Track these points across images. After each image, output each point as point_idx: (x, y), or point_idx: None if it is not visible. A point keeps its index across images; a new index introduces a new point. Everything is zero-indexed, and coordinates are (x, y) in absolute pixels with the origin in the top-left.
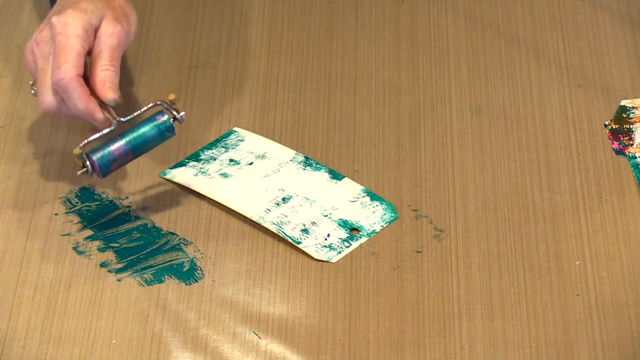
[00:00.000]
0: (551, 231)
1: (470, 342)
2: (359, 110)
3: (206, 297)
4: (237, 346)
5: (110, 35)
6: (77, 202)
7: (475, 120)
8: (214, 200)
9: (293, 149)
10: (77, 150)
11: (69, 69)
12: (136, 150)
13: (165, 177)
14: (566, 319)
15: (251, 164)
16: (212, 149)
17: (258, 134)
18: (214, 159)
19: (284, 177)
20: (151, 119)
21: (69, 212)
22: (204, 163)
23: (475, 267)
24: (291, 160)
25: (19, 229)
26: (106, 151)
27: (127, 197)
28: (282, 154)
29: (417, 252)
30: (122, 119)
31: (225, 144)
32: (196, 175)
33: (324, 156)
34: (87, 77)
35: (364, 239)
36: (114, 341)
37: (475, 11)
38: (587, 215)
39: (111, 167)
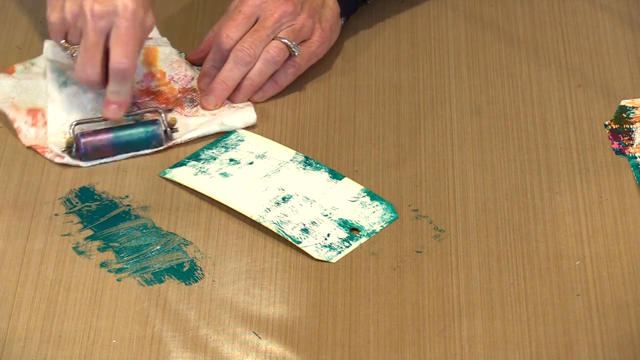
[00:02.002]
0: (551, 231)
1: (470, 342)
2: (359, 110)
3: (206, 297)
4: (237, 346)
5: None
6: (77, 202)
7: (475, 120)
8: (214, 200)
9: (293, 149)
10: (72, 125)
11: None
12: (120, 147)
13: (165, 176)
14: (566, 319)
15: (251, 163)
16: (212, 149)
17: (258, 134)
18: (214, 159)
19: (284, 176)
20: (144, 123)
21: (69, 213)
22: (204, 163)
23: (475, 267)
24: (291, 160)
25: (19, 229)
26: (93, 138)
27: (127, 197)
28: (282, 153)
29: (417, 252)
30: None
31: (226, 143)
32: (196, 174)
33: (324, 156)
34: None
35: (364, 239)
36: (114, 341)
37: (475, 11)
38: (587, 215)
39: (93, 154)
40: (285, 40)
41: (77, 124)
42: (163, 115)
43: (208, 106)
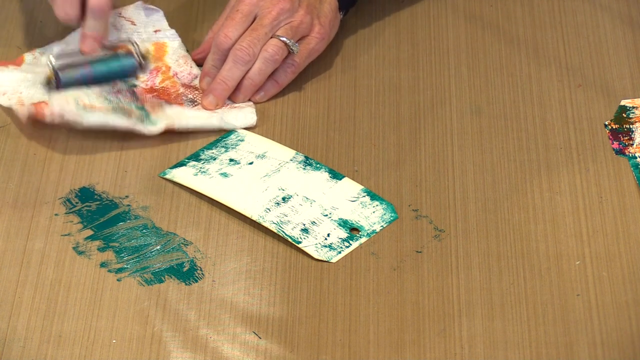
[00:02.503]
0: (551, 231)
1: (470, 342)
2: (359, 110)
3: (206, 297)
4: (237, 346)
5: None
6: (77, 202)
7: (475, 120)
8: (214, 200)
9: (293, 149)
10: (51, 59)
11: None
12: (97, 78)
13: (165, 177)
14: (566, 319)
15: (251, 163)
16: (212, 149)
17: (258, 134)
18: (214, 159)
19: (284, 176)
20: (119, 55)
21: (69, 213)
22: (204, 163)
23: (475, 267)
24: (291, 160)
25: (19, 229)
26: (72, 71)
27: (127, 197)
28: (282, 153)
29: (417, 252)
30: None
31: (226, 143)
32: (196, 175)
33: (324, 156)
34: None
35: (364, 239)
36: (114, 341)
37: (475, 11)
38: (587, 215)
39: (71, 84)
40: (284, 39)
41: (55, 57)
42: (136, 46)
43: (209, 106)
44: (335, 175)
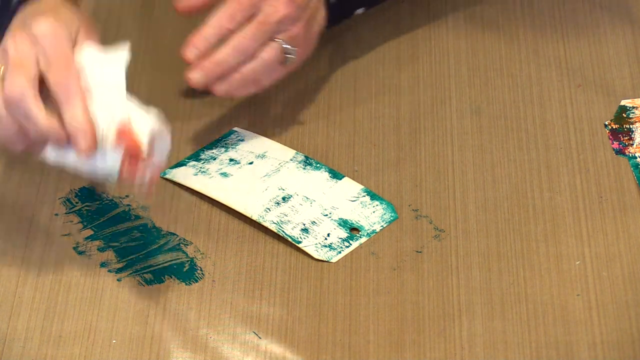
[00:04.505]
0: (551, 231)
1: (470, 342)
2: (359, 110)
3: (206, 297)
4: (237, 346)
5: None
6: (77, 202)
7: (475, 120)
8: (214, 200)
9: (293, 148)
10: None
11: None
12: None
13: (165, 177)
14: (566, 319)
15: (251, 163)
16: (212, 149)
17: (258, 134)
18: (214, 159)
19: (284, 176)
20: None
21: (69, 213)
22: (204, 162)
23: (475, 267)
24: (291, 160)
25: (19, 229)
26: None
27: (127, 197)
28: (282, 153)
29: (417, 252)
30: None
31: (225, 143)
32: (196, 174)
33: (324, 156)
34: None
35: (364, 239)
36: (114, 341)
37: (475, 11)
38: (587, 215)
39: None
40: (287, 46)
41: None
42: None
43: (193, 81)
44: (335, 175)
